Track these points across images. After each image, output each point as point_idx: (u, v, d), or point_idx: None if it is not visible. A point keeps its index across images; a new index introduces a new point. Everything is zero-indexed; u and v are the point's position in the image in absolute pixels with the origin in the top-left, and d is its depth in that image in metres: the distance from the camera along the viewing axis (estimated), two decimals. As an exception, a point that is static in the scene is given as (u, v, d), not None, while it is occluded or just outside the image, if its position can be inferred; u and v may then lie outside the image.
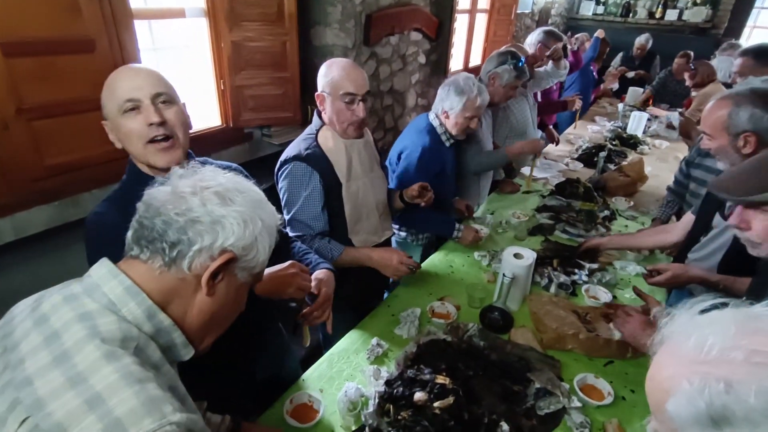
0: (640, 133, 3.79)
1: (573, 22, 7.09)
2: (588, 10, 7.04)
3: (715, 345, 0.49)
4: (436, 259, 1.98)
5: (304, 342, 1.23)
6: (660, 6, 6.40)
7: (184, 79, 2.42)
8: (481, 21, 4.93)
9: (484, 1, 4.78)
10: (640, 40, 5.43)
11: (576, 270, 1.85)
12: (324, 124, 1.60)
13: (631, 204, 2.55)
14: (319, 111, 1.61)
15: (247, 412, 1.22)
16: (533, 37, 3.16)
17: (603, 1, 6.98)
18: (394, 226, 2.02)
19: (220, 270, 0.68)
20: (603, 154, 2.95)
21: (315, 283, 1.23)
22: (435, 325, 1.53)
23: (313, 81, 1.60)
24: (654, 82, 4.90)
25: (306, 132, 1.63)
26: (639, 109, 4.33)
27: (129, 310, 0.64)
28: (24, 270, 1.76)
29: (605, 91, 5.06)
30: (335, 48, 2.84)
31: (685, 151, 3.15)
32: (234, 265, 0.70)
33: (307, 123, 1.70)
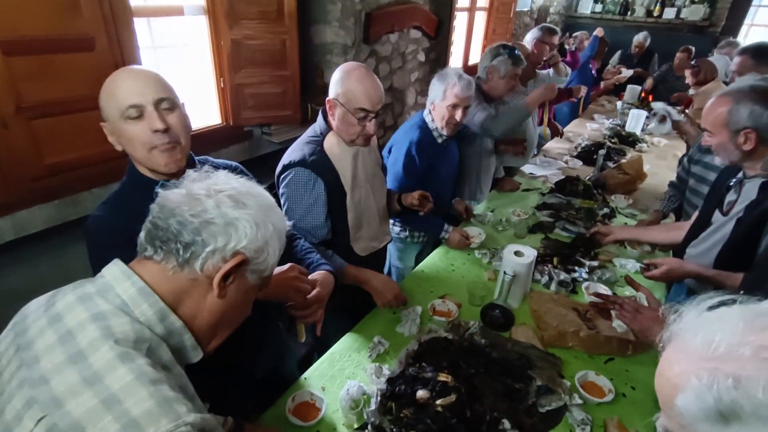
0: (638, 130, 3.80)
1: (571, 20, 7.09)
2: (586, 8, 7.03)
3: (723, 341, 0.49)
4: (437, 257, 1.98)
5: (299, 337, 1.22)
6: (658, 4, 6.40)
7: (183, 78, 2.41)
8: (481, 19, 4.94)
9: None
10: (639, 38, 5.44)
11: (576, 267, 1.86)
12: (331, 130, 1.53)
13: (631, 201, 2.56)
14: (326, 113, 1.53)
15: (247, 412, 1.21)
16: (531, 35, 3.17)
17: (601, -1, 6.99)
18: (393, 226, 2.01)
19: (232, 272, 0.68)
20: (602, 151, 2.96)
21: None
22: (436, 323, 1.53)
23: (313, 80, 1.58)
24: (655, 74, 4.91)
25: (309, 134, 1.56)
26: (637, 107, 4.34)
27: (142, 311, 0.64)
28: (24, 269, 1.75)
29: (607, 88, 5.06)
30: (335, 46, 2.84)
31: (683, 148, 3.16)
32: (245, 268, 0.70)
33: (306, 121, 1.67)
